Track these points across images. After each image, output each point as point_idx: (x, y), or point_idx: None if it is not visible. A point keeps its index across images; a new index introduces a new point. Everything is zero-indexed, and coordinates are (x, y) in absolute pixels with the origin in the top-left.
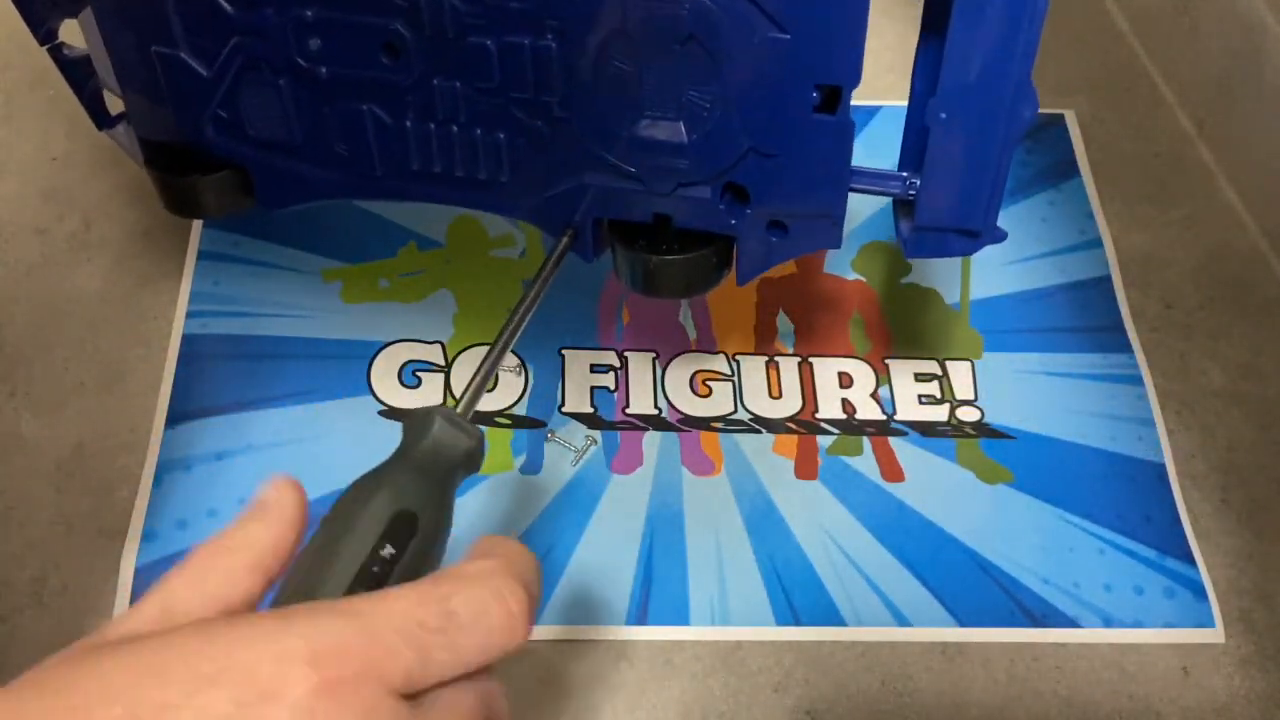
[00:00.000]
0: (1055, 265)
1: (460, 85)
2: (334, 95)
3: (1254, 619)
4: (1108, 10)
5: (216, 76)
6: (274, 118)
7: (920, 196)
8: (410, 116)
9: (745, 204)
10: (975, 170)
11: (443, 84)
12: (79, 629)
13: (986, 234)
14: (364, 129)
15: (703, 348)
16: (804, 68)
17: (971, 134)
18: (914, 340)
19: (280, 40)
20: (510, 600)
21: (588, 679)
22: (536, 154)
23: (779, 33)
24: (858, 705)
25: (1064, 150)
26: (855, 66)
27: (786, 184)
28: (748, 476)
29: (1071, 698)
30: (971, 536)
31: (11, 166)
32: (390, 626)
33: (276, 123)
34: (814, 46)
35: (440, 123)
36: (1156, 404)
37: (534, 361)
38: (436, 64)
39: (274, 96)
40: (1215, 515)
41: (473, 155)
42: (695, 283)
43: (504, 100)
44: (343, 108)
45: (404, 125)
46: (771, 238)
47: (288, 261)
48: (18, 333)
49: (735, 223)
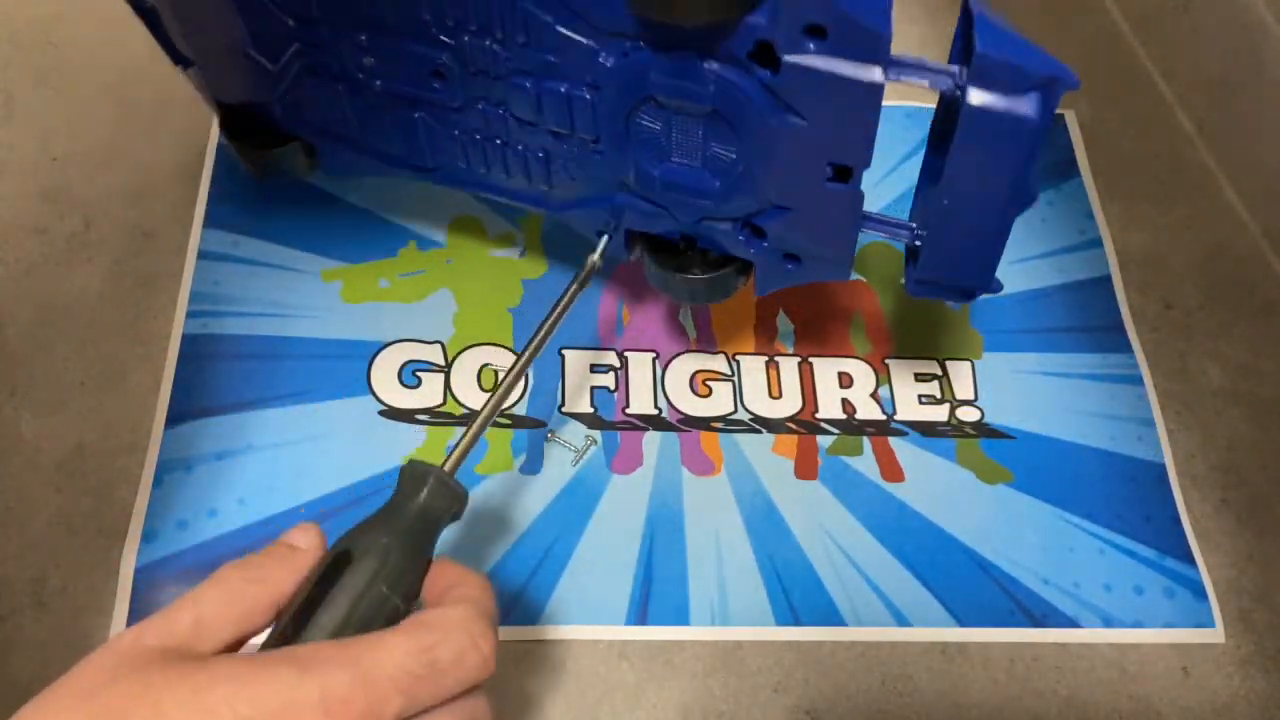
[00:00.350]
0: (1055, 265)
1: (504, 112)
2: (387, 103)
3: (1254, 619)
4: (1108, 10)
5: (280, 72)
6: (334, 112)
7: (923, 254)
8: (459, 129)
9: (763, 239)
10: (974, 245)
11: (488, 109)
12: (79, 629)
13: (982, 291)
14: (416, 132)
15: (703, 348)
16: (819, 149)
17: (971, 220)
18: (914, 340)
19: (336, 53)
20: (482, 643)
21: (588, 679)
22: (576, 175)
23: (797, 118)
24: (858, 705)
25: (1064, 150)
26: (867, 152)
27: (800, 232)
28: (748, 476)
29: (1072, 698)
30: (971, 536)
31: (11, 166)
32: (385, 675)
33: (336, 116)
34: (829, 133)
35: (486, 138)
36: (1156, 404)
37: (534, 362)
38: (481, 93)
39: (333, 96)
40: (1215, 515)
41: (516, 166)
42: (716, 294)
43: (544, 130)
44: (396, 114)
45: (454, 134)
46: (787, 265)
47: (288, 261)
48: (18, 333)
49: (753, 252)
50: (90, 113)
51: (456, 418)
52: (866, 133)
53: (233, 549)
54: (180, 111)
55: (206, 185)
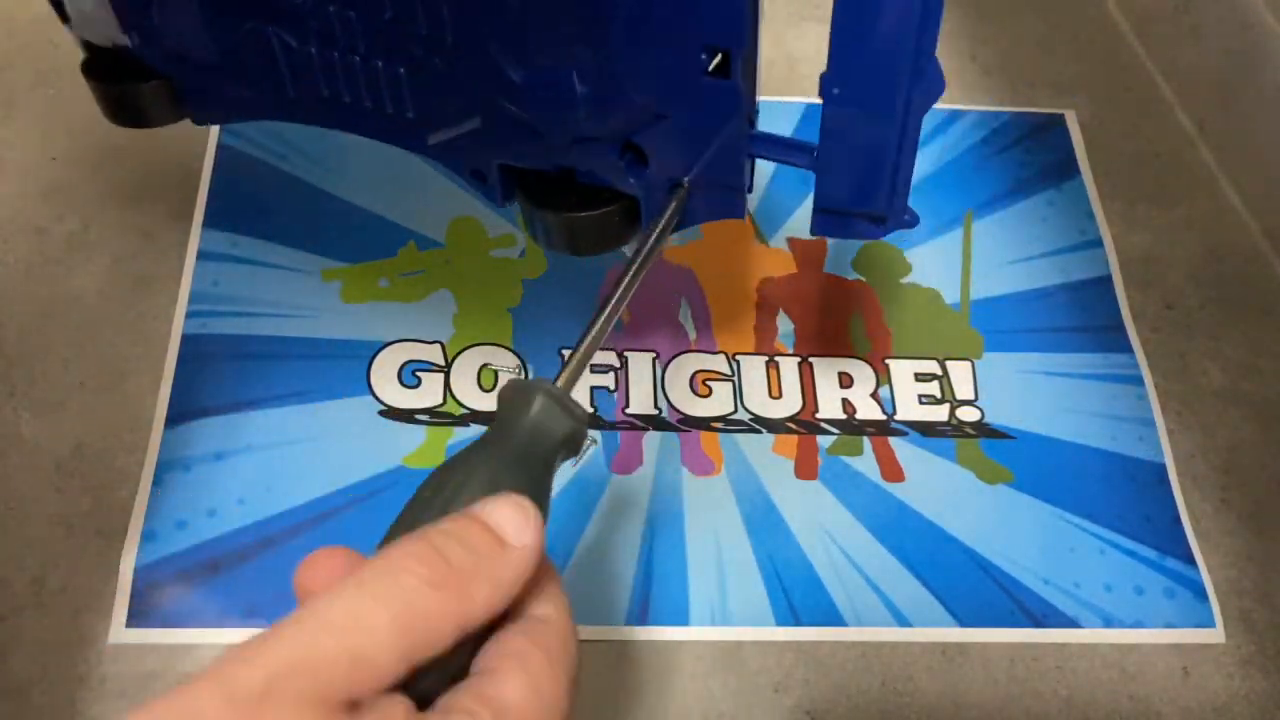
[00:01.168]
0: (1055, 265)
1: (356, 15)
2: (239, 15)
3: (1254, 619)
4: (1108, 10)
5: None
6: (187, 34)
7: (818, 176)
8: (314, 43)
9: (645, 165)
10: (873, 152)
11: (339, 12)
12: (78, 629)
13: (893, 219)
14: (272, 51)
15: (703, 348)
16: (689, 29)
17: (866, 113)
18: (914, 340)
19: None
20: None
21: (588, 679)
22: (437, 91)
23: None
24: (858, 705)
25: (1064, 150)
26: (739, 30)
27: (683, 148)
28: (748, 476)
29: (1072, 698)
30: (971, 536)
31: (11, 166)
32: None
33: (190, 38)
34: (696, 6)
35: (342, 52)
36: (1157, 404)
37: (534, 361)
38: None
39: (186, 16)
40: (1216, 515)
41: (375, 87)
42: (603, 238)
43: (399, 34)
44: (250, 29)
45: (309, 51)
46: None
47: (287, 261)
48: (17, 333)
49: (635, 182)
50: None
51: (456, 417)
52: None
53: (232, 549)
54: None
55: (206, 185)
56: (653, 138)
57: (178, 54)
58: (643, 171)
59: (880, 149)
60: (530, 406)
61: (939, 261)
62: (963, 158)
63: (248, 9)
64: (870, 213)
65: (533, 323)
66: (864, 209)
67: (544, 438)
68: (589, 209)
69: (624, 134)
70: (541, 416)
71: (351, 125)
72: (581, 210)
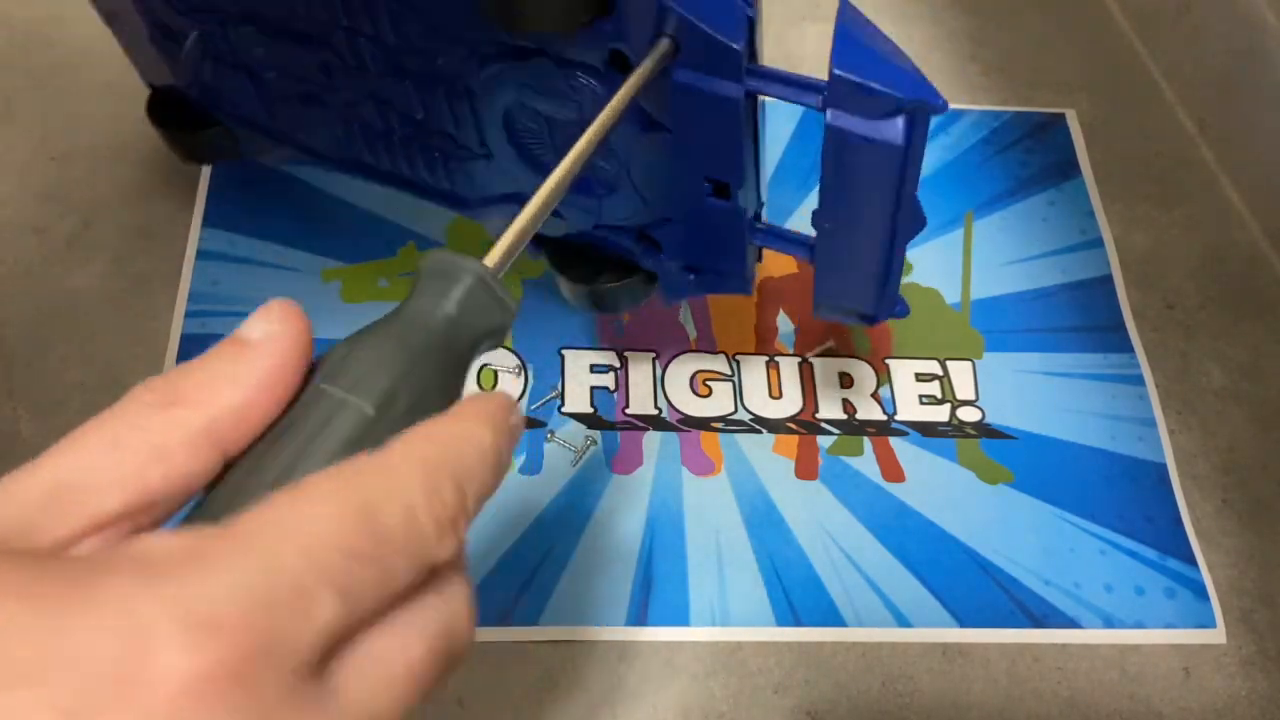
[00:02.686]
0: (1056, 265)
1: (392, 112)
2: (285, 95)
3: (1255, 619)
4: (1108, 10)
5: (187, 59)
6: (243, 100)
7: (815, 279)
8: (356, 124)
9: (659, 251)
10: (861, 271)
11: (379, 106)
12: None
13: (882, 315)
14: (317, 123)
15: (703, 348)
16: (692, 162)
17: (853, 245)
18: (914, 340)
19: (230, 44)
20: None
21: (588, 679)
22: (470, 174)
23: (663, 131)
24: (858, 706)
25: (1064, 150)
26: (737, 167)
27: (691, 245)
28: (748, 476)
29: (1073, 698)
30: (972, 537)
31: (11, 166)
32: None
33: (245, 104)
34: (698, 148)
35: (383, 134)
36: (1158, 404)
37: (534, 361)
38: (369, 90)
39: (238, 84)
40: (1216, 515)
41: (412, 164)
42: (625, 303)
43: (434, 130)
44: (295, 105)
45: (353, 128)
46: (689, 276)
47: (287, 261)
48: (17, 333)
49: (650, 263)
50: (90, 113)
51: None
52: (734, 148)
53: None
54: None
55: (206, 185)
56: (665, 235)
57: (232, 113)
58: (657, 255)
59: (868, 268)
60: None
61: (939, 261)
62: (963, 158)
63: (291, 91)
64: (860, 312)
65: (533, 323)
66: (856, 310)
67: (466, 330)
68: (611, 276)
69: (640, 228)
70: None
71: (393, 182)
72: (602, 279)
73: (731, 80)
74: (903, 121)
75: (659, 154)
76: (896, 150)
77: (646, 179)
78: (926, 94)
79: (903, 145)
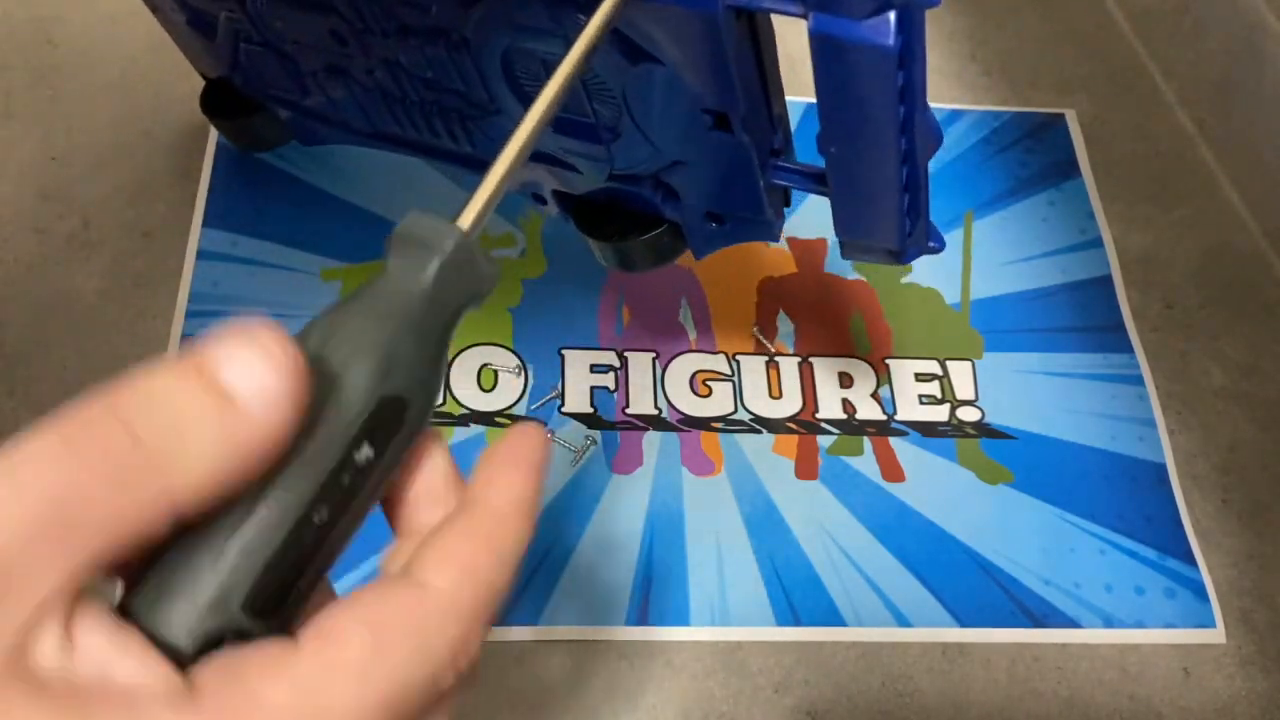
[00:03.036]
0: (1056, 265)
1: (405, 74)
2: (312, 69)
3: (1255, 619)
4: (1108, 10)
5: (222, 43)
6: (277, 79)
7: (834, 213)
8: (379, 90)
9: (678, 199)
10: (878, 198)
11: (394, 69)
12: None
13: (912, 251)
14: (344, 94)
15: (703, 348)
16: (688, 94)
17: (865, 168)
18: (914, 340)
19: (252, 21)
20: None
21: (588, 679)
22: (487, 133)
23: (654, 63)
24: (858, 706)
25: (1064, 150)
26: (731, 96)
27: (706, 188)
28: (748, 476)
29: (1072, 698)
30: (972, 536)
31: (11, 166)
32: None
33: (280, 83)
34: (691, 76)
35: (401, 98)
36: (1157, 404)
37: (534, 361)
38: (381, 53)
39: (269, 63)
40: (1216, 515)
41: (433, 129)
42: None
43: (443, 90)
44: (322, 77)
45: (378, 96)
46: (711, 225)
47: (288, 261)
48: (17, 333)
49: (674, 212)
50: (90, 113)
51: (456, 418)
52: (724, 73)
53: None
54: (180, 111)
55: (206, 185)
56: (680, 179)
57: (271, 94)
58: (676, 203)
59: (885, 195)
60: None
61: (939, 261)
62: (963, 158)
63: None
64: (886, 246)
65: (533, 323)
66: (880, 245)
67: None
68: (638, 232)
69: (653, 173)
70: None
71: (425, 152)
72: (629, 235)
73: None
74: (894, 18)
75: (654, 89)
76: (890, 52)
77: (646, 117)
78: None
79: (896, 46)
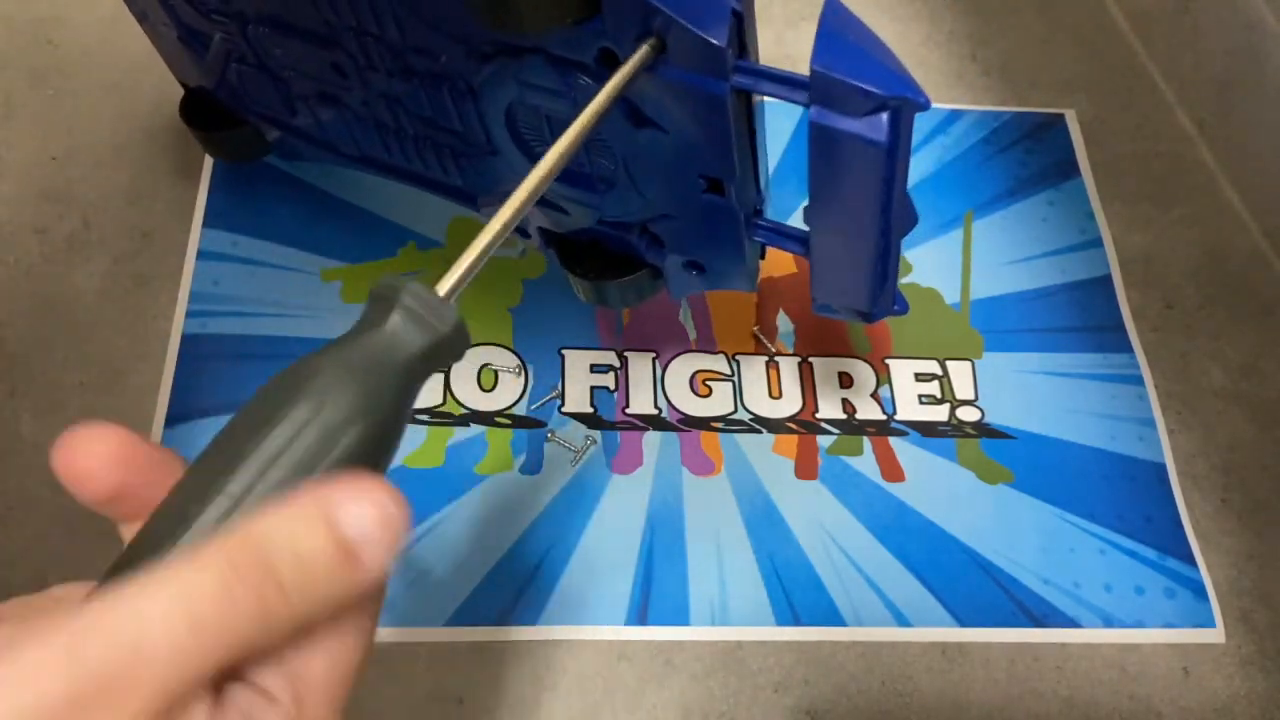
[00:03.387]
0: (1056, 265)
1: (402, 109)
2: (305, 94)
3: (1254, 619)
4: (1108, 10)
5: (213, 61)
6: (266, 99)
7: (811, 276)
8: (371, 122)
9: (662, 247)
10: (854, 269)
11: (390, 104)
12: None
13: (878, 314)
14: (335, 120)
15: (703, 348)
16: (685, 158)
17: (845, 243)
18: (914, 340)
19: (250, 45)
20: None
21: (588, 679)
22: (479, 170)
23: (655, 129)
24: (858, 705)
25: (1064, 150)
26: (729, 165)
27: (691, 241)
28: (748, 476)
29: (1072, 698)
30: (972, 536)
31: (11, 166)
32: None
33: (269, 102)
34: (690, 145)
35: (396, 130)
36: (1157, 404)
37: (534, 362)
38: (380, 88)
39: (261, 84)
40: (1216, 515)
41: (425, 160)
42: (638, 296)
43: (439, 128)
44: (314, 103)
45: (370, 125)
46: (692, 273)
47: (287, 261)
48: (17, 333)
49: (654, 258)
50: (90, 113)
51: (456, 417)
52: (725, 145)
53: None
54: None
55: (206, 185)
56: (666, 231)
57: (258, 112)
58: (660, 250)
59: (861, 263)
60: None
61: (939, 261)
62: (963, 158)
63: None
64: (857, 309)
65: (533, 323)
66: (852, 308)
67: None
68: (617, 272)
69: (640, 222)
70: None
71: (411, 179)
72: (609, 275)
73: (718, 77)
74: (886, 118)
75: (653, 150)
76: (881, 147)
77: (643, 175)
78: (909, 90)
79: (886, 142)
